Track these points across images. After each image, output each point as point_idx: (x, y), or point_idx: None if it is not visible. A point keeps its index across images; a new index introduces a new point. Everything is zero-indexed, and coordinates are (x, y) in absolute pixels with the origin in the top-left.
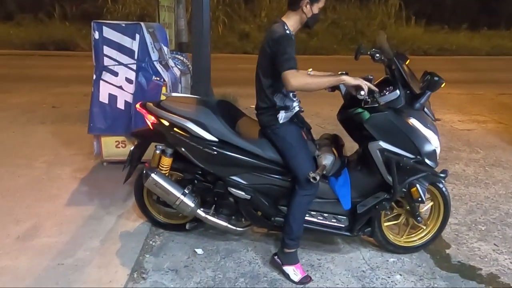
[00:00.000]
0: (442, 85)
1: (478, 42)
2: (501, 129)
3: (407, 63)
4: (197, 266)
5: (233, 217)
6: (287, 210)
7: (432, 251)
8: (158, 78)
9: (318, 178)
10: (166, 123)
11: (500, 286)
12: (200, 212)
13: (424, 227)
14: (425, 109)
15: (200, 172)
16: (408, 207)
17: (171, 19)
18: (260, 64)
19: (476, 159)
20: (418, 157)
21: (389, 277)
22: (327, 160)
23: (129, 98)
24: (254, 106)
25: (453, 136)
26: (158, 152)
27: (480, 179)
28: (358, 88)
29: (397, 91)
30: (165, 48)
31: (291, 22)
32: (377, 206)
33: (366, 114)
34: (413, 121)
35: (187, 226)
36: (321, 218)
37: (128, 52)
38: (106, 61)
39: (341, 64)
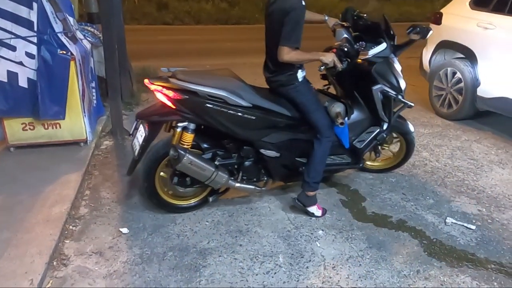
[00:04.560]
0: (430, 33)
1: (389, 9)
2: (408, 89)
3: None
4: (123, 246)
5: (255, 179)
6: (311, 158)
7: (350, 205)
8: (65, 52)
9: (344, 122)
10: (198, 96)
11: (408, 230)
12: (231, 181)
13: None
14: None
15: (218, 143)
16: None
17: None
18: (274, 28)
19: None
20: (401, 94)
21: (312, 234)
22: (339, 108)
23: (33, 75)
24: None
25: None
26: (179, 130)
27: None
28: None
29: (384, 44)
30: (70, 19)
31: None
32: (377, 138)
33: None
34: (396, 66)
35: (210, 200)
36: (330, 160)
37: (25, 23)
38: (0, 34)
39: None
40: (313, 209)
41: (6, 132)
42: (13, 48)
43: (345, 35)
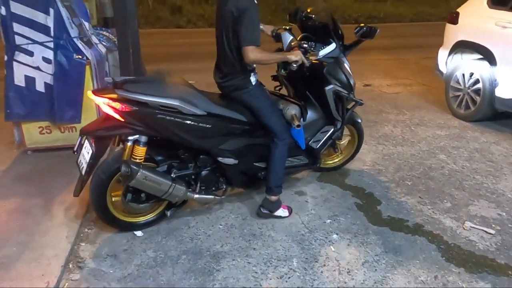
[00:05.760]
0: (377, 33)
1: (403, 9)
2: (424, 90)
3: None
4: (137, 249)
5: (213, 188)
6: (270, 163)
7: (365, 209)
8: (80, 56)
9: (301, 124)
10: (148, 107)
11: (424, 234)
12: (190, 193)
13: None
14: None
15: (173, 154)
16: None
17: None
18: (227, 29)
19: (403, 120)
20: (352, 92)
21: (326, 238)
22: (294, 110)
23: (50, 80)
24: (191, 82)
25: (382, 99)
26: (129, 144)
27: (406, 138)
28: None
29: (334, 44)
30: (86, 24)
31: None
32: (333, 137)
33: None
34: (346, 66)
35: (168, 214)
36: (288, 162)
37: (42, 28)
38: (18, 40)
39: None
40: (279, 212)
41: (24, 136)
42: (30, 54)
43: (292, 37)
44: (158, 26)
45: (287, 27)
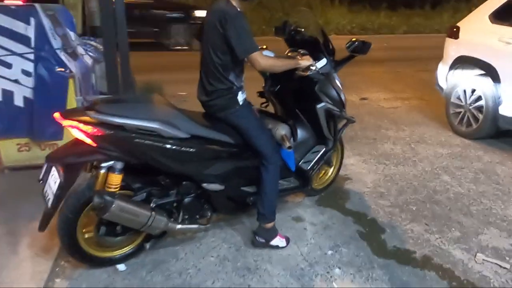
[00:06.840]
0: (370, 48)
1: (397, 20)
2: (423, 105)
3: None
4: (119, 285)
5: (197, 216)
6: (262, 188)
7: (369, 237)
8: (63, 69)
9: (291, 145)
10: (124, 130)
11: (434, 268)
12: (171, 223)
13: (330, 168)
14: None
15: (152, 180)
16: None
17: None
18: (212, 44)
19: (403, 137)
20: (344, 110)
21: (328, 272)
22: (284, 130)
23: (29, 94)
24: (183, 93)
25: (380, 114)
26: (103, 171)
27: (407, 157)
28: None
29: (325, 59)
30: (71, 34)
31: None
32: (324, 157)
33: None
34: (337, 82)
35: (147, 246)
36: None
37: (22, 39)
38: None
39: (270, 44)
40: (276, 242)
41: (1, 154)
42: (8, 66)
43: (273, 53)
44: None
45: (264, 46)
